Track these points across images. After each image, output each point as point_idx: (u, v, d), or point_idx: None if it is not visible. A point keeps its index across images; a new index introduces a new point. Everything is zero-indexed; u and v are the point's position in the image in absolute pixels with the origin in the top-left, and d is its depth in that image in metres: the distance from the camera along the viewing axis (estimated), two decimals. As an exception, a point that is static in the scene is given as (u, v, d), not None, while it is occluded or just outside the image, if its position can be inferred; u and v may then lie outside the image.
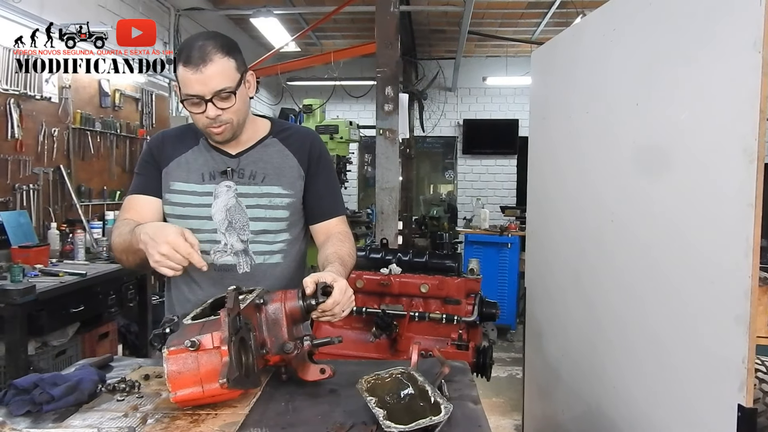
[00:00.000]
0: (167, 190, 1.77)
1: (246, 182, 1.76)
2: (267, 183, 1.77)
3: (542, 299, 2.88)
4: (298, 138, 1.86)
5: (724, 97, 1.49)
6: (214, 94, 1.59)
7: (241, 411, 1.26)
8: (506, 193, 9.89)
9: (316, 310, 1.42)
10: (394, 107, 4.05)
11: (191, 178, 1.76)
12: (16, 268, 3.15)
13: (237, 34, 7.97)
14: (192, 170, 1.77)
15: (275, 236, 1.79)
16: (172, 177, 1.77)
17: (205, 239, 1.72)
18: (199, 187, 1.75)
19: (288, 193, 1.79)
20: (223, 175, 1.76)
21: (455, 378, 1.48)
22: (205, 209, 1.74)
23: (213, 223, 1.74)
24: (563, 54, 2.67)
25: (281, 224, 1.79)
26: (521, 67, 8.94)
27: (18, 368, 2.90)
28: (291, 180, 1.80)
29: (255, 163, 1.78)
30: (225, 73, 1.60)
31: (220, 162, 1.77)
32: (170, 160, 1.79)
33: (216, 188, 1.75)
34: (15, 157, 3.89)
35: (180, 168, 1.78)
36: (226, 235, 1.74)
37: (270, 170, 1.78)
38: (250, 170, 1.77)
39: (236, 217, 1.74)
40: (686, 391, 1.63)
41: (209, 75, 1.57)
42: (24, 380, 1.31)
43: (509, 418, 3.87)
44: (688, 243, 1.63)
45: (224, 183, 1.75)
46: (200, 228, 1.73)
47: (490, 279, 5.49)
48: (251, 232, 1.75)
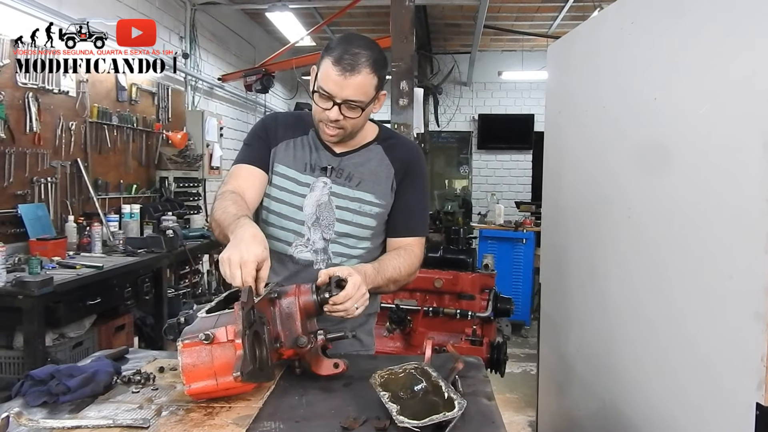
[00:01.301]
0: (272, 170, 1.79)
1: (342, 183, 1.77)
2: (361, 188, 1.77)
3: (557, 295, 2.86)
4: (401, 150, 1.85)
5: (743, 91, 1.47)
6: (344, 101, 1.61)
7: (255, 404, 1.26)
8: (521, 188, 9.83)
9: (329, 303, 1.42)
10: (408, 102, 4.03)
11: (296, 165, 1.78)
12: (34, 260, 3.19)
13: (252, 28, 7.98)
14: (297, 157, 1.79)
15: (357, 242, 1.79)
16: (278, 158, 1.79)
17: (292, 228, 1.76)
18: (300, 176, 1.77)
19: (379, 202, 1.78)
20: (322, 171, 1.77)
21: (469, 373, 1.47)
22: (299, 198, 1.76)
23: (302, 215, 1.75)
24: (580, 48, 2.64)
25: (366, 231, 1.79)
26: (537, 61, 8.88)
27: (36, 359, 2.94)
28: (385, 190, 1.79)
29: (355, 167, 1.79)
30: (364, 87, 1.61)
31: (323, 158, 1.79)
32: (280, 141, 1.81)
33: (314, 182, 1.77)
34: (33, 150, 3.93)
35: (287, 152, 1.80)
36: (311, 230, 1.76)
37: (367, 176, 1.79)
38: (348, 172, 1.78)
39: (324, 214, 1.75)
40: (703, 388, 1.62)
41: (350, 84, 1.58)
42: (41, 371, 1.32)
43: (523, 415, 3.85)
44: (706, 238, 1.61)
45: (322, 179, 1.77)
46: (291, 216, 1.76)
47: (504, 275, 5.47)
48: (335, 233, 1.76)
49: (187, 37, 6.18)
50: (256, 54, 7.90)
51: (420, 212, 1.86)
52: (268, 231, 1.78)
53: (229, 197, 1.65)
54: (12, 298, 2.94)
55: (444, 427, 1.10)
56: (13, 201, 3.77)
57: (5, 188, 3.70)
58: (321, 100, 1.64)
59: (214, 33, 6.82)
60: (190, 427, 1.15)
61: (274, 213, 1.79)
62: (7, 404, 1.26)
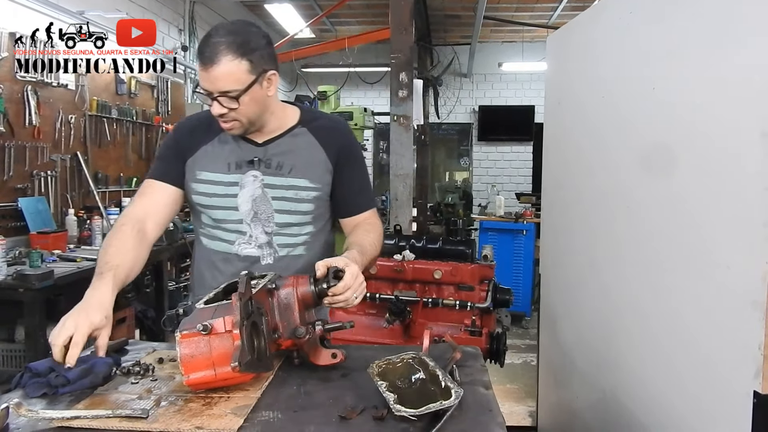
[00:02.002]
0: (193, 180, 1.74)
1: (273, 173, 1.73)
2: (294, 175, 1.73)
3: (557, 286, 2.87)
4: (329, 129, 1.81)
5: (742, 80, 1.47)
6: (220, 93, 1.57)
7: (254, 394, 1.27)
8: (522, 179, 9.83)
9: (327, 294, 1.42)
10: (408, 93, 4.02)
11: (217, 167, 1.73)
12: (34, 253, 3.20)
13: (252, 20, 7.96)
14: (218, 159, 1.73)
15: (300, 229, 1.77)
16: (199, 166, 1.73)
17: (232, 229, 1.73)
18: (225, 177, 1.72)
19: (315, 186, 1.75)
20: (249, 165, 1.72)
21: (467, 363, 1.47)
22: (231, 199, 1.72)
23: (239, 214, 1.72)
24: (579, 38, 2.63)
25: (306, 217, 1.77)
26: (537, 52, 8.86)
27: (37, 352, 2.95)
28: (319, 173, 1.75)
29: (283, 154, 1.74)
30: (233, 75, 1.56)
31: (246, 151, 1.73)
32: (197, 148, 1.75)
33: (242, 178, 1.72)
34: (33, 144, 3.94)
35: (206, 157, 1.74)
36: (252, 226, 1.73)
37: (297, 162, 1.74)
38: (277, 161, 1.73)
39: (261, 208, 1.72)
40: (701, 377, 1.62)
41: (215, 76, 1.54)
42: (40, 364, 1.32)
43: (523, 405, 3.86)
44: (704, 228, 1.61)
45: (251, 173, 1.72)
46: (226, 218, 1.73)
47: (505, 266, 5.47)
48: (276, 224, 1.73)
49: (186, 29, 6.17)
50: (255, 46, 7.87)
51: (366, 187, 1.87)
52: (211, 233, 1.77)
53: (118, 236, 1.61)
54: (13, 292, 2.95)
55: (441, 416, 1.10)
56: (14, 195, 3.79)
57: (5, 182, 3.71)
58: (201, 96, 1.63)
59: (212, 25, 6.79)
60: (188, 416, 1.15)
61: (211, 219, 1.76)
62: (7, 395, 1.26)
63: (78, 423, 1.12)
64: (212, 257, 1.78)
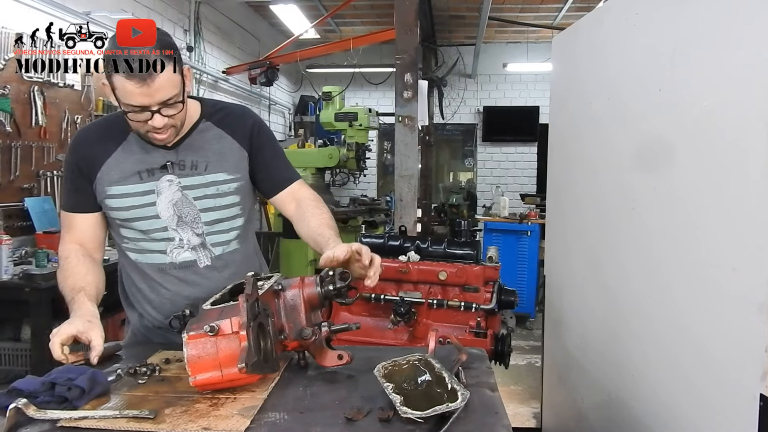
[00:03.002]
0: (105, 196, 1.65)
1: (188, 173, 1.67)
2: (210, 171, 1.69)
3: (562, 287, 2.86)
4: (234, 118, 1.77)
5: (748, 82, 1.46)
6: (160, 105, 1.49)
7: (260, 395, 1.27)
8: (526, 180, 9.82)
9: (333, 296, 1.43)
10: (413, 94, 4.02)
11: (127, 179, 1.65)
12: (40, 253, 3.21)
13: (257, 21, 7.98)
14: (126, 170, 1.65)
15: (230, 223, 1.74)
16: (107, 182, 1.65)
17: (160, 238, 1.67)
18: (138, 187, 1.65)
19: (234, 177, 1.71)
20: (162, 170, 1.65)
21: (473, 365, 1.47)
22: (149, 209, 1.65)
23: (162, 221, 1.66)
24: (585, 39, 2.63)
25: (233, 210, 1.74)
26: (542, 53, 8.84)
27: (43, 352, 2.96)
28: (234, 163, 1.72)
29: (195, 152, 1.69)
30: (172, 81, 1.49)
31: (156, 156, 1.66)
32: (100, 164, 1.65)
33: (157, 185, 1.65)
34: (39, 144, 3.95)
35: (113, 171, 1.65)
36: (179, 231, 1.67)
37: (211, 157, 1.70)
38: (190, 160, 1.68)
39: (185, 211, 1.67)
40: (707, 380, 1.62)
41: (157, 87, 1.46)
42: (27, 383, 1.22)
43: (528, 406, 3.86)
44: (710, 230, 1.61)
45: (165, 178, 1.65)
46: (149, 228, 1.67)
47: (509, 267, 5.46)
48: (204, 224, 1.69)
49: (192, 30, 6.19)
50: (260, 47, 7.90)
51: (285, 161, 1.84)
52: (139, 246, 1.70)
53: (68, 267, 1.63)
54: (19, 291, 2.97)
55: (447, 418, 1.10)
56: (20, 194, 3.80)
57: (12, 182, 3.73)
58: (136, 115, 1.50)
59: (218, 26, 6.82)
60: (195, 417, 1.15)
61: (134, 231, 1.69)
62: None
63: (85, 423, 1.12)
64: (146, 270, 1.72)
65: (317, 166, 5.90)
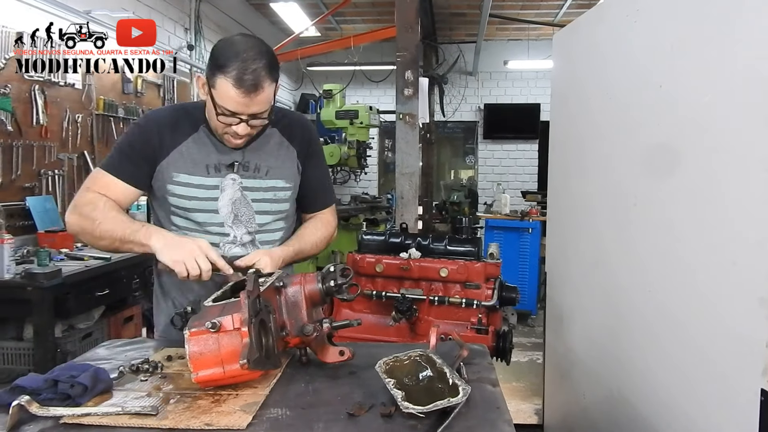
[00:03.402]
0: (169, 182, 1.69)
1: (251, 175, 1.74)
2: (271, 177, 1.76)
3: (563, 284, 2.86)
4: (296, 127, 1.83)
5: (749, 78, 1.46)
6: (250, 116, 1.58)
7: (262, 392, 1.27)
8: (527, 177, 9.81)
9: (335, 292, 1.44)
10: (414, 91, 4.02)
11: (196, 170, 1.70)
12: (42, 252, 3.22)
13: (257, 19, 7.97)
14: (196, 162, 1.70)
15: (276, 224, 1.81)
16: (176, 168, 1.69)
17: (215, 231, 1.72)
18: (205, 180, 1.70)
19: (290, 186, 1.80)
20: (228, 168, 1.72)
21: (474, 361, 1.48)
22: (212, 203, 1.71)
23: (220, 217, 1.72)
24: (585, 36, 2.63)
25: (282, 215, 1.82)
26: (543, 50, 8.81)
27: (45, 351, 2.97)
28: (292, 172, 1.80)
29: (259, 156, 1.75)
30: (268, 98, 1.58)
31: (225, 154, 1.72)
32: (170, 150, 1.69)
33: (222, 181, 1.71)
34: (40, 143, 3.96)
35: (183, 159, 1.70)
36: (234, 228, 1.73)
37: (273, 163, 1.77)
38: (255, 163, 1.74)
39: (242, 210, 1.73)
40: (708, 375, 1.62)
41: (256, 102, 1.55)
42: (30, 381, 1.21)
43: (529, 403, 3.86)
44: (712, 225, 1.61)
45: (230, 176, 1.72)
46: (207, 221, 1.71)
47: (510, 264, 5.46)
48: (257, 225, 1.76)
49: (192, 28, 6.19)
50: (261, 45, 7.88)
51: (329, 185, 1.96)
52: (192, 237, 1.69)
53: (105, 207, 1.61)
54: (21, 290, 2.97)
55: (449, 413, 1.11)
56: (21, 194, 3.81)
57: (13, 181, 3.73)
58: (225, 118, 1.58)
59: (219, 24, 6.82)
60: (198, 413, 1.16)
61: (190, 221, 1.72)
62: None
63: (88, 420, 1.12)
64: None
65: (318, 164, 5.89)
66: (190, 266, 1.48)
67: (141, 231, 1.56)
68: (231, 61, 1.52)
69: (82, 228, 1.63)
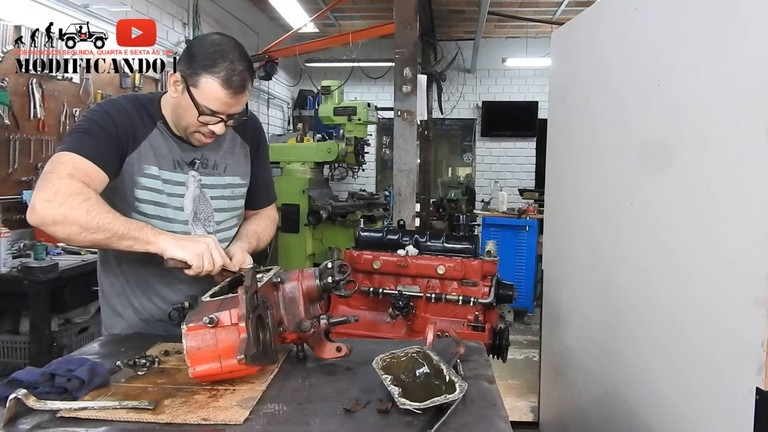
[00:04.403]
0: (139, 173, 1.61)
1: (209, 172, 1.72)
2: (229, 173, 1.76)
3: (560, 282, 2.87)
4: (248, 123, 1.80)
5: (747, 77, 1.47)
6: (229, 116, 1.58)
7: (259, 387, 1.28)
8: (525, 175, 9.82)
9: (332, 288, 1.44)
10: (412, 88, 4.02)
11: (164, 164, 1.65)
12: (39, 246, 3.21)
13: (255, 14, 7.96)
14: (162, 156, 1.65)
15: (232, 222, 1.81)
16: (146, 160, 1.62)
17: (179, 230, 1.66)
18: (172, 175, 1.66)
19: (245, 183, 1.81)
20: (190, 165, 1.69)
21: (471, 357, 1.48)
22: (178, 199, 1.67)
23: (184, 214, 1.69)
24: (584, 34, 2.63)
25: (237, 212, 1.82)
26: (541, 48, 8.82)
27: (42, 344, 2.97)
28: (246, 169, 1.81)
29: (216, 153, 1.74)
30: (247, 98, 1.60)
31: (185, 151, 1.68)
32: (140, 140, 1.62)
33: (186, 178, 1.69)
34: (38, 137, 3.95)
35: (153, 151, 1.64)
36: (194, 227, 1.70)
37: (229, 160, 1.76)
38: (213, 160, 1.73)
39: (201, 208, 1.71)
40: (704, 374, 1.62)
41: (240, 102, 1.57)
42: (27, 374, 1.21)
43: (525, 400, 3.87)
44: (709, 224, 1.61)
45: (191, 173, 1.70)
46: (175, 218, 1.67)
47: (507, 262, 5.47)
48: (215, 223, 1.74)
49: (191, 23, 6.16)
50: (259, 41, 7.87)
51: (271, 181, 1.97)
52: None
53: (101, 199, 1.47)
54: (18, 284, 2.97)
55: (445, 410, 1.11)
56: (18, 187, 3.80)
57: (10, 174, 3.72)
58: (205, 118, 1.56)
59: (217, 20, 6.80)
60: (194, 408, 1.16)
61: (158, 219, 1.64)
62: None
63: (85, 414, 1.13)
64: (157, 258, 1.54)
65: (316, 161, 5.88)
66: (207, 260, 1.47)
67: (146, 229, 1.48)
68: (219, 62, 1.50)
69: (69, 219, 1.41)
